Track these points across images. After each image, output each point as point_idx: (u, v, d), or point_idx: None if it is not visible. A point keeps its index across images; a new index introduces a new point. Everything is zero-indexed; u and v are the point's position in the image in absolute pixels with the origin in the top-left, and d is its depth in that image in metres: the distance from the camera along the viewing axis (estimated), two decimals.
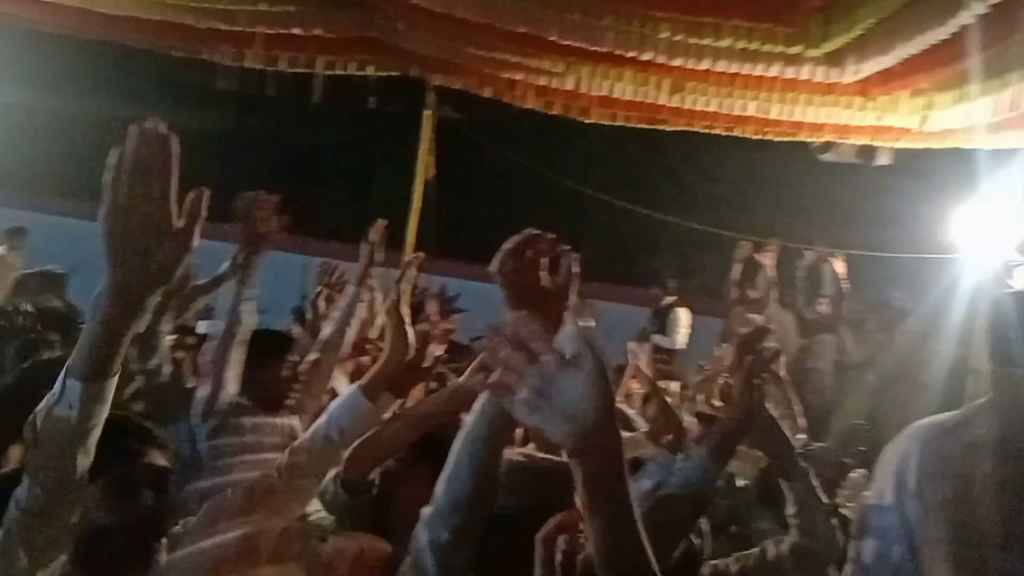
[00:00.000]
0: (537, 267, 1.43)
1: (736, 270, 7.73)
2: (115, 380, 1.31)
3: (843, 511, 3.50)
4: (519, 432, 2.96)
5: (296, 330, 4.44)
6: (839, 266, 7.78)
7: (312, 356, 3.28)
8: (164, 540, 1.57)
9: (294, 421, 3.16)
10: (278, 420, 3.15)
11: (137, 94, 10.61)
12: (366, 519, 2.11)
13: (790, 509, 2.08)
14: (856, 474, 4.06)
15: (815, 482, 2.09)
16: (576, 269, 1.48)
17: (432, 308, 4.68)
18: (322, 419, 1.87)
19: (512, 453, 1.79)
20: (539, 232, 1.46)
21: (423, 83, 7.34)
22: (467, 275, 9.80)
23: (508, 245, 1.45)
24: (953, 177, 6.65)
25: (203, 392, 3.01)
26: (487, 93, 6.68)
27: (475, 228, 10.40)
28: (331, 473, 2.03)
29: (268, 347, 3.23)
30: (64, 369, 1.28)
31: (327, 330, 3.34)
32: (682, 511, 1.81)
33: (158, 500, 1.58)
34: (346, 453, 1.93)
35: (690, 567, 2.10)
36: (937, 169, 6.74)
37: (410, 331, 1.91)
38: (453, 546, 1.45)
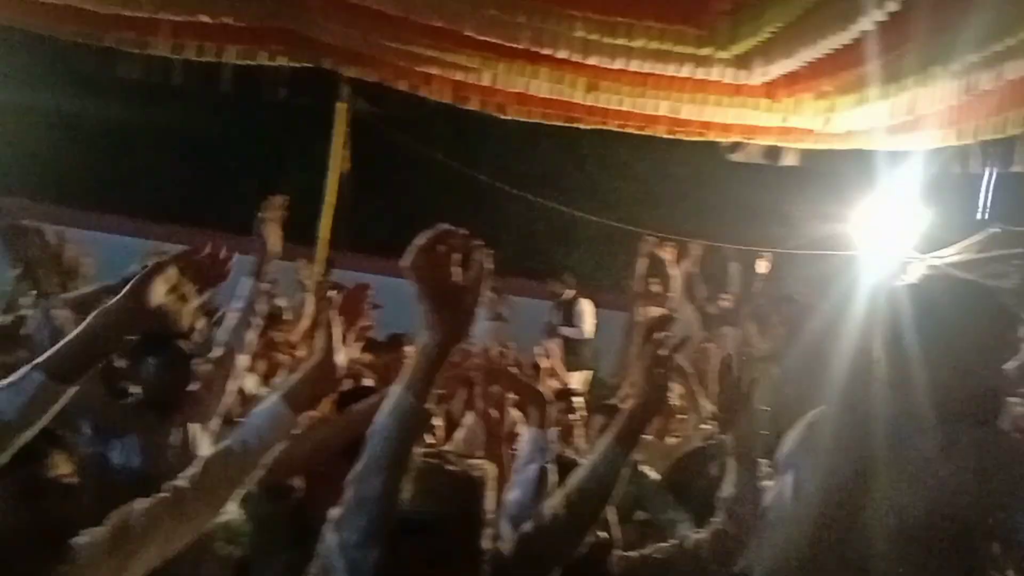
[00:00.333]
0: (449, 263, 1.43)
1: (640, 264, 7.89)
2: (72, 390, 1.34)
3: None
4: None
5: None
6: (762, 265, 8.02)
7: (215, 355, 3.12)
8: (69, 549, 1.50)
9: (194, 425, 3.04)
10: (178, 423, 3.04)
11: (36, 81, 10.10)
12: (286, 526, 2.06)
13: (727, 491, 2.11)
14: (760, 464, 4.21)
15: (758, 471, 2.14)
16: (489, 265, 1.47)
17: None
18: (241, 427, 1.80)
19: (428, 454, 1.77)
20: (451, 228, 1.45)
21: (337, 75, 7.21)
22: (383, 271, 9.70)
23: (420, 241, 1.44)
24: (854, 177, 6.92)
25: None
26: (402, 87, 6.62)
27: (390, 223, 10.30)
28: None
29: (159, 342, 3.10)
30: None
31: (224, 331, 3.15)
32: (589, 501, 1.83)
33: (61, 509, 1.52)
34: (266, 460, 1.86)
35: (600, 559, 2.12)
36: (839, 170, 7.00)
37: (340, 349, 1.83)
38: (361, 547, 1.44)
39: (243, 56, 6.55)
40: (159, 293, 1.54)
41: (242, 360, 3.10)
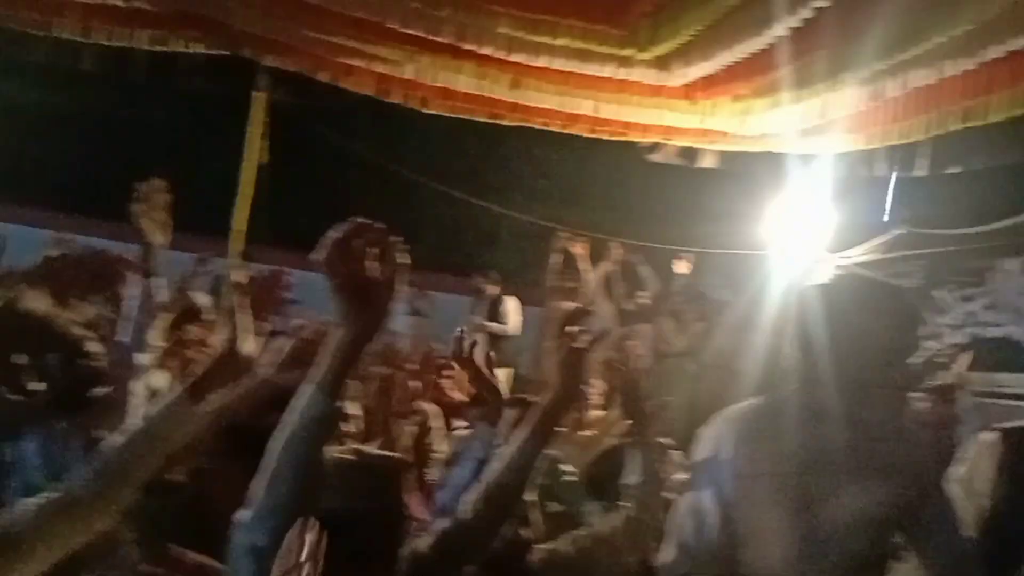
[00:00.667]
0: (364, 257, 1.39)
1: (553, 260, 7.97)
2: None
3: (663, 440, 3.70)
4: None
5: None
6: (680, 264, 8.17)
7: (112, 355, 2.98)
8: None
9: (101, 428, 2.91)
10: (85, 425, 2.90)
11: None
12: (174, 526, 1.98)
13: (632, 479, 2.13)
14: (673, 456, 4.33)
15: (660, 458, 2.17)
16: (405, 260, 1.44)
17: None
18: (138, 422, 1.73)
19: (341, 450, 1.73)
20: (366, 221, 1.42)
21: (255, 64, 7.03)
22: (300, 265, 9.51)
23: (334, 234, 1.40)
24: (767, 179, 7.12)
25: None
26: (323, 78, 6.49)
27: (309, 216, 10.08)
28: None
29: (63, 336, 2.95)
30: None
31: (123, 332, 2.98)
32: (505, 495, 1.83)
33: None
34: (163, 454, 1.79)
35: (519, 554, 2.12)
36: (753, 171, 7.19)
37: (247, 338, 1.78)
38: (272, 551, 1.36)
39: (156, 42, 6.32)
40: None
41: (142, 359, 2.97)
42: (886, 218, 6.96)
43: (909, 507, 1.81)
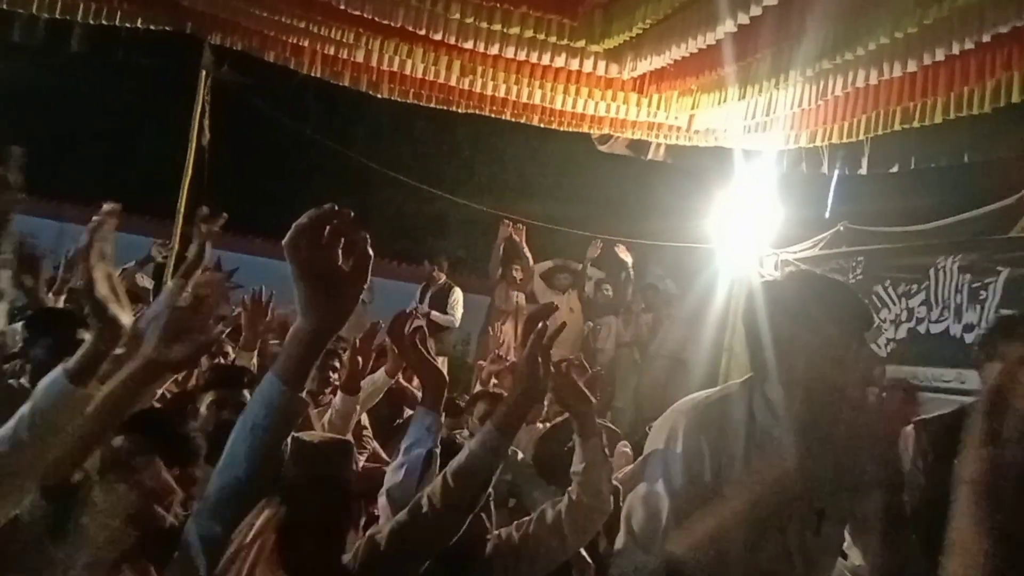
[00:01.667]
0: (334, 246, 1.33)
1: (498, 249, 7.97)
2: None
3: (609, 425, 3.74)
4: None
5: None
6: (624, 254, 8.24)
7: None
8: None
9: None
10: None
11: None
12: (78, 527, 1.90)
13: (577, 466, 2.13)
14: (621, 446, 4.38)
15: (604, 443, 2.17)
16: (369, 251, 1.39)
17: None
18: (25, 406, 1.63)
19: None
20: (339, 208, 1.35)
21: (200, 41, 6.85)
22: (244, 248, 9.33)
23: (304, 220, 1.32)
24: (714, 174, 7.21)
25: None
26: (270, 57, 6.36)
27: (254, 199, 9.92)
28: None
29: (53, 325, 2.88)
30: None
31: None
32: (467, 488, 1.82)
33: None
34: (55, 441, 1.69)
35: (478, 544, 2.12)
36: (701, 166, 7.27)
37: (119, 309, 1.67)
38: (226, 540, 1.36)
39: (96, 15, 6.11)
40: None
41: None
42: (827, 215, 7.10)
43: (855, 499, 1.85)
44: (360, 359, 2.81)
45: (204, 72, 6.97)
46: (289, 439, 1.62)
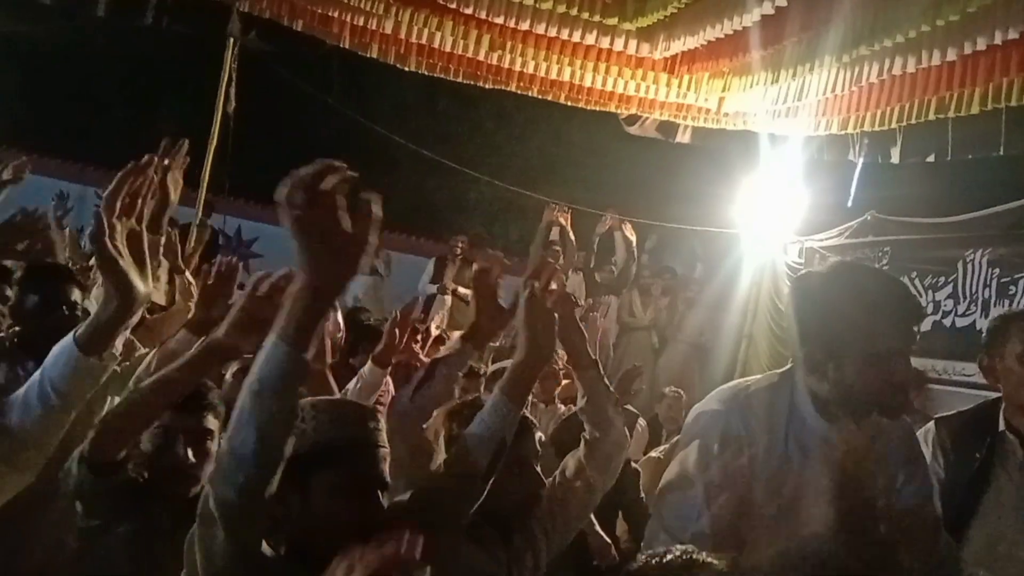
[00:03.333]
0: (334, 204, 1.28)
1: (543, 233, 7.93)
2: None
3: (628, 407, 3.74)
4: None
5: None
6: (629, 233, 8.18)
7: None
8: None
9: None
10: None
11: None
12: (123, 504, 1.91)
13: (581, 402, 2.12)
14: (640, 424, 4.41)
15: (601, 374, 2.15)
16: (378, 211, 1.32)
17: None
18: (35, 376, 1.59)
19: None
20: (337, 163, 1.30)
21: (228, 8, 6.81)
22: (265, 218, 9.35)
23: (301, 173, 1.28)
24: (742, 158, 7.13)
25: None
26: (298, 26, 6.32)
27: (277, 168, 9.90)
28: (75, 453, 1.80)
29: (43, 281, 2.85)
30: None
31: None
32: (479, 453, 1.79)
33: None
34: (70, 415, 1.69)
35: (533, 499, 2.11)
36: (728, 150, 7.19)
37: (131, 270, 1.57)
38: (241, 505, 1.35)
39: None
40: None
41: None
42: (850, 203, 7.01)
43: (887, 501, 1.82)
44: (398, 332, 2.77)
45: (231, 39, 6.94)
46: (306, 402, 1.62)
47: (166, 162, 2.43)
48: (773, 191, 7.02)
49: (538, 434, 2.16)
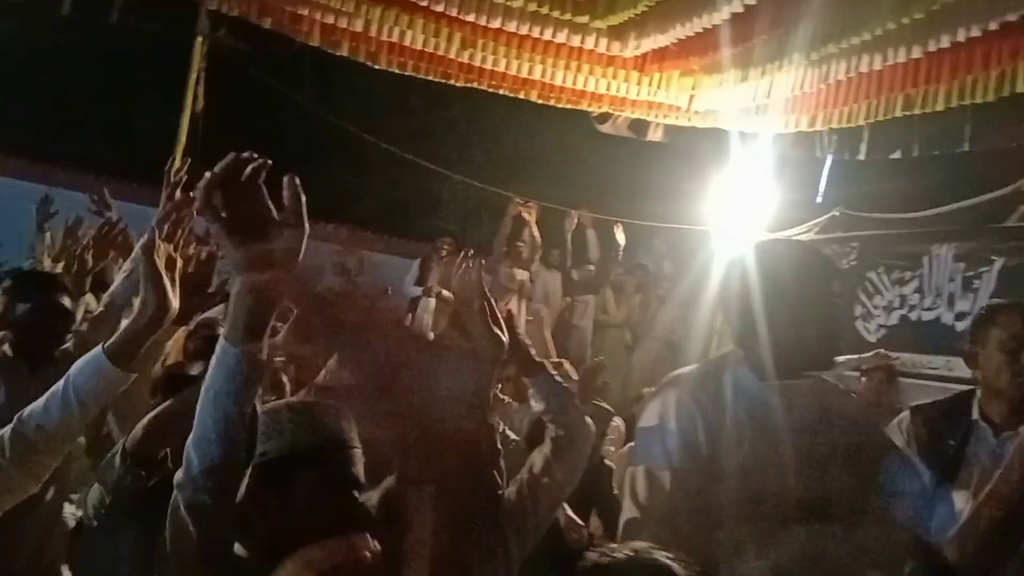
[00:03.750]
0: (255, 195, 1.25)
1: (505, 225, 7.94)
2: None
3: (602, 404, 3.78)
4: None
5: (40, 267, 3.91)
6: (619, 235, 8.23)
7: (95, 313, 2.83)
8: None
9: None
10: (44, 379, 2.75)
11: None
12: (144, 498, 1.91)
13: (539, 405, 2.14)
14: (616, 422, 4.43)
15: (555, 373, 2.18)
16: (301, 193, 1.27)
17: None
18: (59, 385, 1.61)
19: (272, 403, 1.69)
20: (246, 155, 1.27)
21: (196, 5, 6.73)
22: None
23: (211, 174, 1.24)
24: (712, 156, 7.18)
25: None
26: (267, 24, 6.26)
27: None
28: (117, 447, 1.81)
29: (33, 289, 2.83)
30: None
31: (115, 289, 2.80)
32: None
33: None
34: (141, 423, 1.70)
35: (492, 499, 2.12)
36: (698, 147, 7.24)
37: (168, 283, 1.68)
38: (214, 508, 1.35)
39: None
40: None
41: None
42: (819, 199, 7.10)
43: (841, 489, 1.86)
44: None
45: (200, 37, 6.87)
46: (282, 405, 1.62)
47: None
48: (743, 188, 7.08)
49: (499, 434, 2.17)
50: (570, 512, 3.42)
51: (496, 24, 5.48)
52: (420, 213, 11.64)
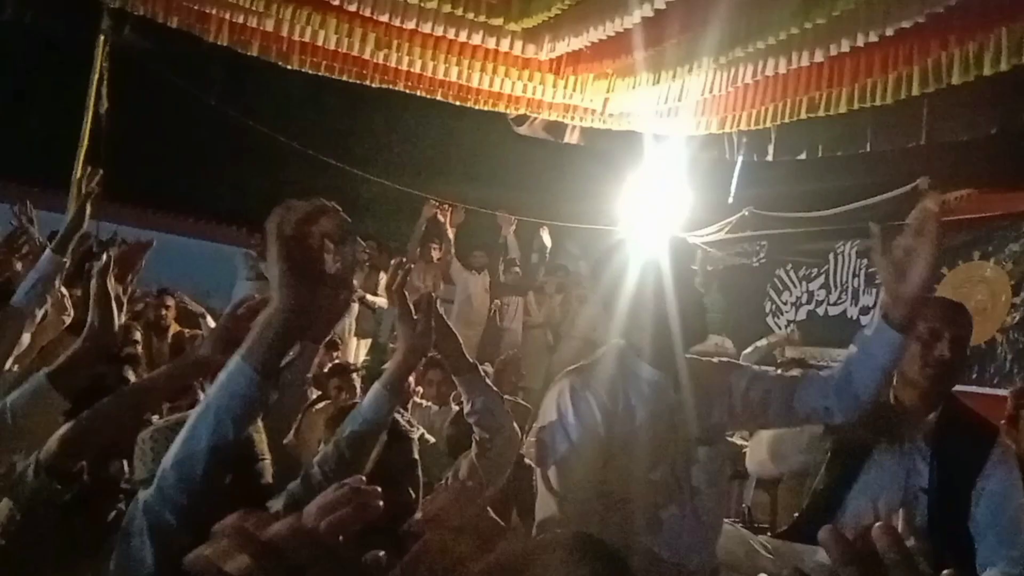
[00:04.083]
0: (323, 246, 1.26)
1: (420, 227, 7.92)
2: None
3: (521, 402, 3.82)
4: None
5: None
6: (546, 238, 8.28)
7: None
8: None
9: None
10: None
11: None
12: (60, 518, 1.82)
13: (466, 406, 2.17)
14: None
15: (484, 375, 2.23)
16: (359, 256, 1.35)
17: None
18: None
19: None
20: (333, 206, 1.29)
21: (99, 4, 6.48)
22: (145, 223, 8.96)
23: (297, 210, 1.26)
24: (627, 158, 7.30)
25: None
26: (174, 23, 6.08)
27: (156, 172, 9.50)
28: (31, 459, 1.71)
29: None
30: None
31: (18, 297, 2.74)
32: (358, 447, 1.84)
33: None
34: (56, 435, 1.62)
35: (405, 515, 2.10)
36: (615, 150, 7.35)
37: (115, 308, 1.67)
38: (178, 530, 1.26)
39: None
40: None
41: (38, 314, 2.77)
42: (731, 200, 7.29)
43: (706, 424, 2.05)
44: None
45: (103, 37, 6.61)
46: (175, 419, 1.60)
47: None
48: (657, 189, 7.22)
49: (416, 442, 2.17)
50: (492, 514, 3.43)
51: (411, 25, 5.46)
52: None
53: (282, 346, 1.27)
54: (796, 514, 2.47)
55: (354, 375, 4.16)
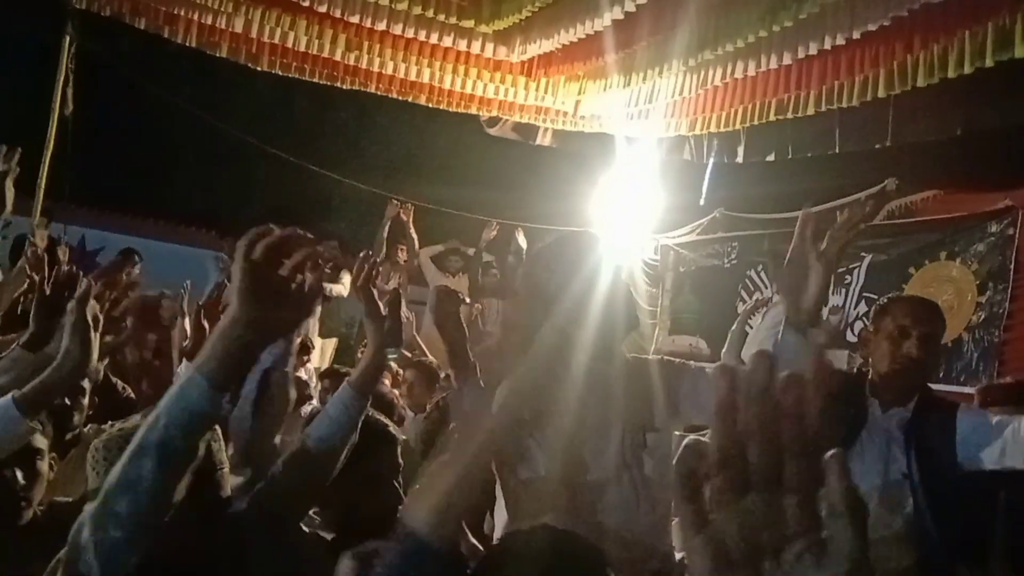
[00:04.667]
0: (290, 277, 1.24)
1: (384, 228, 7.89)
2: None
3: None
4: None
5: None
6: (521, 239, 8.27)
7: None
8: None
9: None
10: None
11: None
12: None
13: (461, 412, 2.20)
14: None
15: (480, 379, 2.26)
16: (326, 269, 1.33)
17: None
18: None
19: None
20: (307, 237, 1.26)
21: (64, 6, 6.38)
22: (112, 226, 8.84)
23: (270, 238, 1.23)
24: (600, 160, 7.32)
25: None
26: (141, 25, 6.00)
27: (123, 174, 9.38)
28: None
29: None
30: None
31: None
32: (326, 449, 1.80)
33: None
34: None
35: (392, 514, 2.08)
36: (587, 151, 7.37)
37: (93, 337, 1.67)
38: (125, 547, 1.20)
39: None
40: None
41: None
42: (703, 201, 7.34)
43: (642, 411, 2.08)
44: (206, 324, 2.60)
45: (68, 38, 6.51)
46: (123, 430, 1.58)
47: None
48: (629, 191, 7.25)
49: (400, 446, 2.17)
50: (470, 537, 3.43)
51: (382, 27, 5.44)
52: (310, 217, 11.38)
53: (235, 360, 1.23)
54: None
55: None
